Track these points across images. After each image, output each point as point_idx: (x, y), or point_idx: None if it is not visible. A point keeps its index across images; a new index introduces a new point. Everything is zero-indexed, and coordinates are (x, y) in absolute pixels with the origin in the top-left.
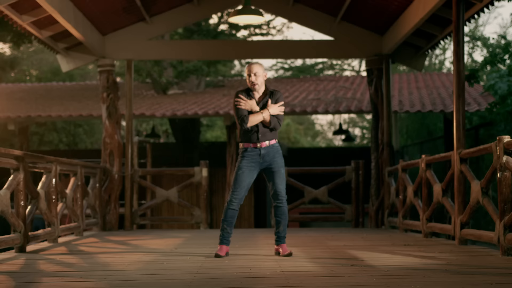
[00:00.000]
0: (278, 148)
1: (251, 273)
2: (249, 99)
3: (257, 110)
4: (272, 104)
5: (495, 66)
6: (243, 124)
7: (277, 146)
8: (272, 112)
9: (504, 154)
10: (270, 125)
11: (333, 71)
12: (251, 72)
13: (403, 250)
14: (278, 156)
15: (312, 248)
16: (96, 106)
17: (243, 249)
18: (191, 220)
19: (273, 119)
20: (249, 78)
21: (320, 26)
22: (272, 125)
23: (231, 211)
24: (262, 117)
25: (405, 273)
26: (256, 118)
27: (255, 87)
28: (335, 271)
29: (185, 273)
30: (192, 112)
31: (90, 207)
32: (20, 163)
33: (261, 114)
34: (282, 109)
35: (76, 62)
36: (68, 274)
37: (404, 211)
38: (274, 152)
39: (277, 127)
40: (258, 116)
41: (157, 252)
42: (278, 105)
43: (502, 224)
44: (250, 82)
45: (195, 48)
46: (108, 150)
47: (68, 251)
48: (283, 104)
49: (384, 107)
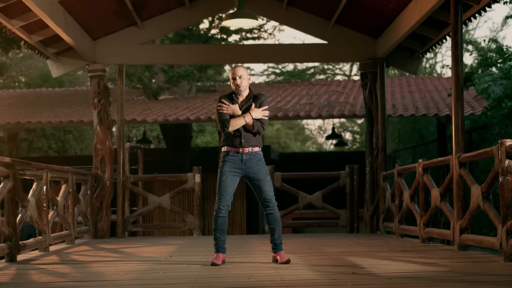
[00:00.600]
0: (261, 156)
1: (250, 282)
2: (232, 103)
3: (239, 114)
4: (255, 108)
5: (487, 69)
6: (225, 128)
7: (260, 154)
8: (255, 116)
9: (506, 158)
10: (253, 129)
11: (324, 75)
12: (235, 75)
13: (402, 256)
14: (262, 164)
15: (309, 255)
16: (87, 112)
17: (239, 256)
18: (184, 227)
19: (256, 123)
20: (234, 81)
21: (313, 30)
22: (255, 129)
23: (221, 218)
24: (244, 121)
25: (408, 281)
26: (238, 122)
27: (239, 89)
28: (337, 279)
29: (182, 283)
30: (184, 117)
31: (82, 215)
32: (10, 170)
33: (243, 118)
34: (266, 113)
35: (67, 67)
36: (61, 285)
37: (400, 216)
38: (257, 160)
39: (260, 131)
40: (240, 120)
41: (152, 261)
42: (261, 109)
43: (504, 229)
44: (235, 85)
45: (187, 53)
46: (99, 156)
47: (60, 260)
48: (267, 108)
49: (379, 111)
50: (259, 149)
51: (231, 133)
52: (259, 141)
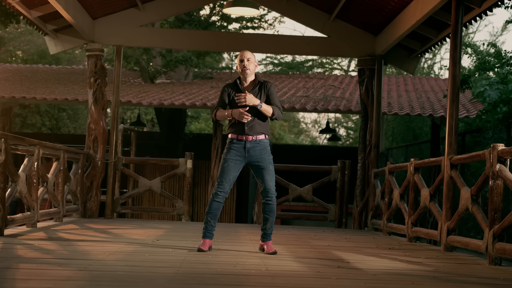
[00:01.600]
0: (266, 144)
1: (235, 270)
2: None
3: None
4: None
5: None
6: (212, 114)
7: (266, 142)
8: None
9: (497, 162)
10: (272, 116)
11: (322, 69)
12: (243, 57)
13: (389, 253)
14: (266, 152)
15: (296, 247)
16: (82, 91)
17: (226, 244)
18: (173, 212)
19: (275, 108)
20: (241, 63)
21: (314, 23)
22: (275, 116)
23: (216, 203)
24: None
25: (392, 278)
26: (222, 115)
27: (246, 71)
28: (322, 272)
29: (167, 267)
30: (179, 102)
31: (71, 193)
32: (2, 144)
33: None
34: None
35: (65, 45)
36: (46, 262)
37: (389, 214)
38: (261, 148)
39: (279, 116)
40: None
41: (139, 243)
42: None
43: (491, 233)
44: (242, 67)
45: (186, 38)
46: (92, 136)
47: (47, 237)
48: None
49: (374, 108)
50: (265, 137)
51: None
52: (265, 129)
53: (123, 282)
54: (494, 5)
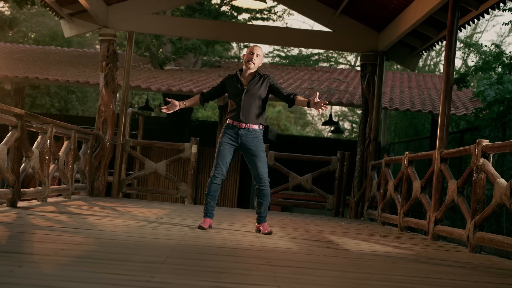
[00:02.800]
0: (259, 133)
1: (232, 245)
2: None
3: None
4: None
5: (486, 73)
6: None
7: (259, 131)
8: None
9: (481, 157)
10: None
11: (328, 63)
12: (254, 51)
13: (378, 239)
14: (258, 141)
15: (292, 230)
16: (93, 74)
17: (226, 224)
18: (176, 194)
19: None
20: (249, 56)
21: (319, 17)
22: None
23: (214, 185)
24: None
25: (376, 258)
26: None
27: (250, 64)
28: (311, 250)
29: (170, 239)
30: (187, 89)
31: (80, 172)
32: (19, 121)
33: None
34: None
35: (79, 29)
36: (58, 229)
37: (383, 204)
38: (254, 137)
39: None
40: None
41: (143, 220)
42: None
43: (473, 222)
44: (249, 57)
45: (195, 27)
46: (102, 118)
47: (58, 211)
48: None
49: (375, 102)
50: (258, 127)
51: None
52: (260, 119)
53: (129, 248)
54: (491, 8)
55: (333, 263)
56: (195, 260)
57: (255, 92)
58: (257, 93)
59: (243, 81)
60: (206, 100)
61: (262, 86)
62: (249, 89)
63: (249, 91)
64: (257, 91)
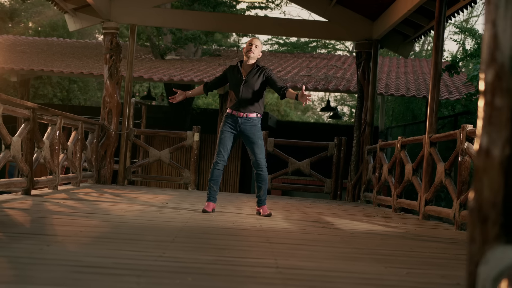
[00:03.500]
0: (257, 121)
1: (234, 226)
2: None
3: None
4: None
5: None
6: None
7: (256, 120)
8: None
9: (466, 141)
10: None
11: (326, 49)
12: (253, 42)
13: (371, 220)
14: (256, 129)
15: (290, 212)
16: (96, 65)
17: (228, 208)
18: (180, 181)
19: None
20: (249, 47)
21: (316, 8)
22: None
23: (217, 171)
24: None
25: (366, 236)
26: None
27: (249, 54)
28: (307, 230)
29: (176, 222)
30: (188, 78)
31: (87, 161)
32: (31, 113)
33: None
34: None
35: (83, 23)
36: (74, 214)
37: (378, 187)
38: (252, 125)
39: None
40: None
41: (150, 205)
42: None
43: (458, 202)
44: (249, 48)
45: (196, 19)
46: (107, 108)
47: (69, 198)
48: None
49: (370, 89)
50: (256, 115)
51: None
52: (258, 108)
53: (140, 230)
54: None
55: (326, 240)
56: (201, 239)
57: (253, 83)
58: (255, 84)
59: (242, 72)
60: (209, 89)
61: (260, 77)
62: (248, 80)
63: (247, 82)
64: (255, 82)
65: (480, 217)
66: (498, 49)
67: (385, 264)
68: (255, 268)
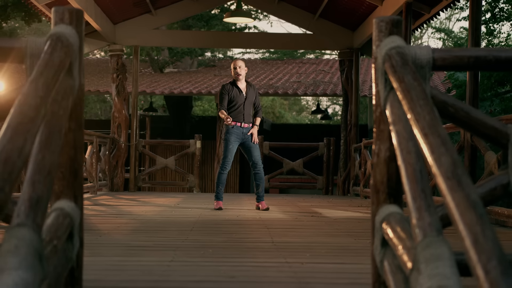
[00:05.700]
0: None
1: (238, 218)
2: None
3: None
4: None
5: None
6: (217, 110)
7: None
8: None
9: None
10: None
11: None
12: (236, 65)
13: (355, 209)
14: (251, 134)
15: (285, 206)
16: (101, 82)
17: (232, 205)
18: (185, 185)
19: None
20: (235, 70)
21: (301, 22)
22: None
23: (223, 175)
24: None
25: (347, 221)
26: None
27: (239, 77)
28: (298, 219)
29: (191, 217)
30: (187, 90)
31: (101, 171)
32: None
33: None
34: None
35: (91, 47)
36: (104, 216)
37: (364, 181)
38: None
39: (258, 110)
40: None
41: (164, 206)
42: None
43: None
44: (236, 73)
45: (192, 38)
46: (116, 123)
47: (93, 203)
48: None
49: (353, 93)
50: (250, 124)
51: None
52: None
53: (164, 224)
54: (442, 10)
55: (313, 225)
56: (213, 228)
57: (251, 98)
58: (251, 99)
59: (242, 90)
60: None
61: (253, 93)
62: (248, 96)
63: (248, 98)
64: (251, 97)
65: (375, 190)
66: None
67: (356, 237)
68: (256, 244)
